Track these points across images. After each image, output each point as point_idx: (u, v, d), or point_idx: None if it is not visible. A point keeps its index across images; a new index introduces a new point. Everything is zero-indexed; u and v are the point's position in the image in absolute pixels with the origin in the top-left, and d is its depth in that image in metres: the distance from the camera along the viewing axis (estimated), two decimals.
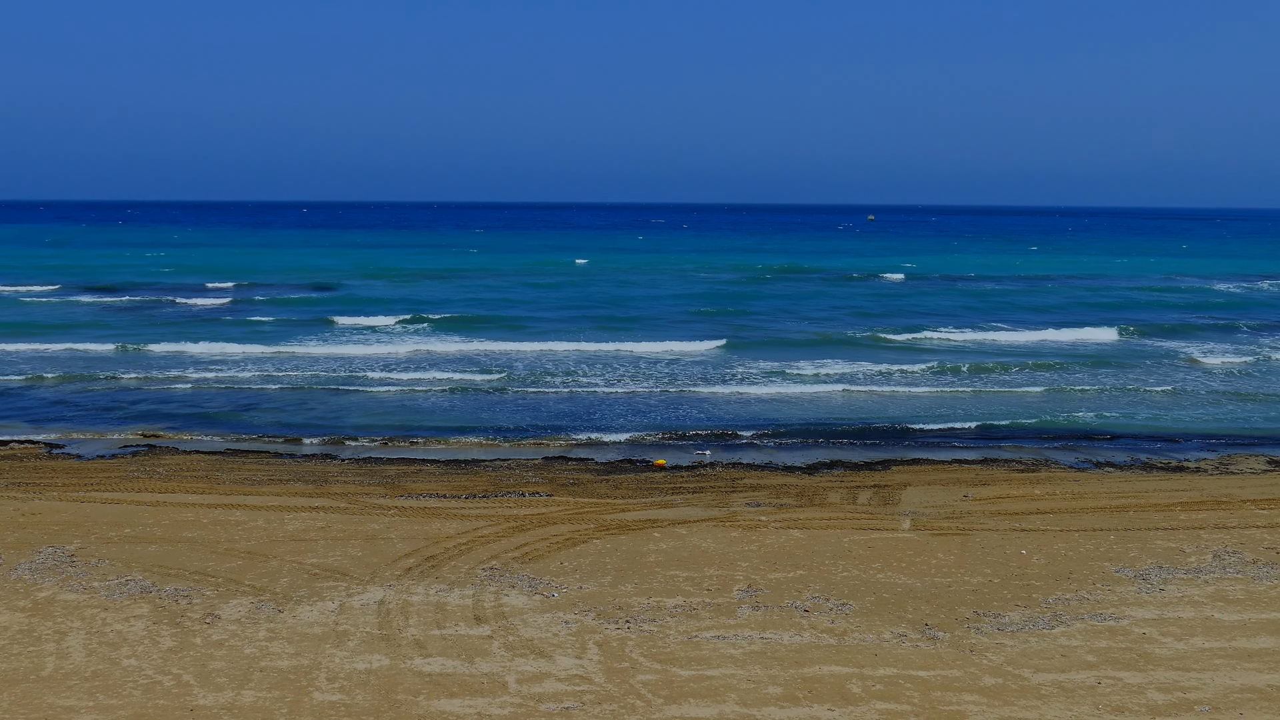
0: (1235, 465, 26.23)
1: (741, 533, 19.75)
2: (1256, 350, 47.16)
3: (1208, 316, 60.89)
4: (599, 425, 30.36)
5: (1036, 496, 22.74)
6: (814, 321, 55.98)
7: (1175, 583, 17.13)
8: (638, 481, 24.06)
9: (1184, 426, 31.14)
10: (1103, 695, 12.98)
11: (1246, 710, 12.63)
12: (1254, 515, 21.26)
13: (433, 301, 62.69)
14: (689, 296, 68.09)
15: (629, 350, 44.33)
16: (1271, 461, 26.61)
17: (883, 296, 71.35)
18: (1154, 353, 46.17)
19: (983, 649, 14.41)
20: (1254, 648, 14.50)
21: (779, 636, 14.76)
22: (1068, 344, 48.95)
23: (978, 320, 57.04)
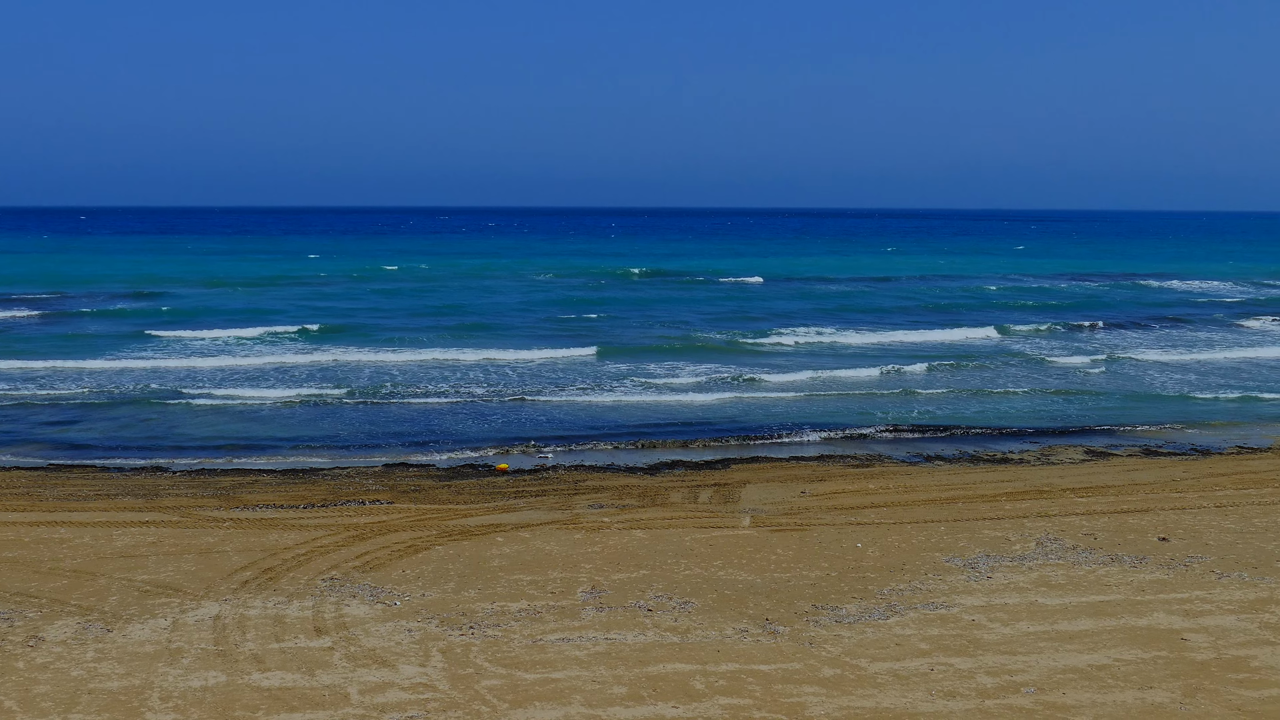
0: (1056, 456, 27.41)
1: (585, 534, 19.82)
2: (1081, 345, 49.39)
3: (1050, 315, 63.33)
4: (443, 432, 30.10)
5: (871, 491, 23.40)
6: (674, 325, 55.88)
7: (1002, 570, 17.81)
8: (480, 486, 23.94)
9: (1010, 420, 32.41)
10: (935, 681, 13.43)
11: (1068, 689, 13.21)
12: (1073, 503, 22.26)
13: (270, 310, 60.98)
14: (546, 303, 67.27)
15: (476, 359, 43.90)
16: (1089, 451, 27.89)
17: (743, 299, 72.10)
18: (991, 349, 47.91)
19: (821, 641, 14.75)
20: (1075, 630, 15.18)
21: (623, 636, 14.86)
22: (915, 344, 50.18)
23: (830, 322, 58.02)
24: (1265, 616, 15.64)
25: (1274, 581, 17.18)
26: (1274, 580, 17.24)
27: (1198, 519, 21.01)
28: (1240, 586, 16.97)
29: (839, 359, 44.75)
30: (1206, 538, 19.69)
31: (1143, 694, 13.08)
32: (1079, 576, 17.49)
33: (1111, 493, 23.21)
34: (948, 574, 17.64)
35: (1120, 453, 27.79)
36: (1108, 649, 14.46)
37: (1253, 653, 14.30)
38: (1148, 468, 25.95)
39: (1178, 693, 13.10)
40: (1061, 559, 18.40)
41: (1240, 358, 46.01)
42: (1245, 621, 15.45)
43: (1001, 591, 16.78)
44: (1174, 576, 17.49)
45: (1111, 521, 20.80)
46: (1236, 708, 12.69)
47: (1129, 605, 16.14)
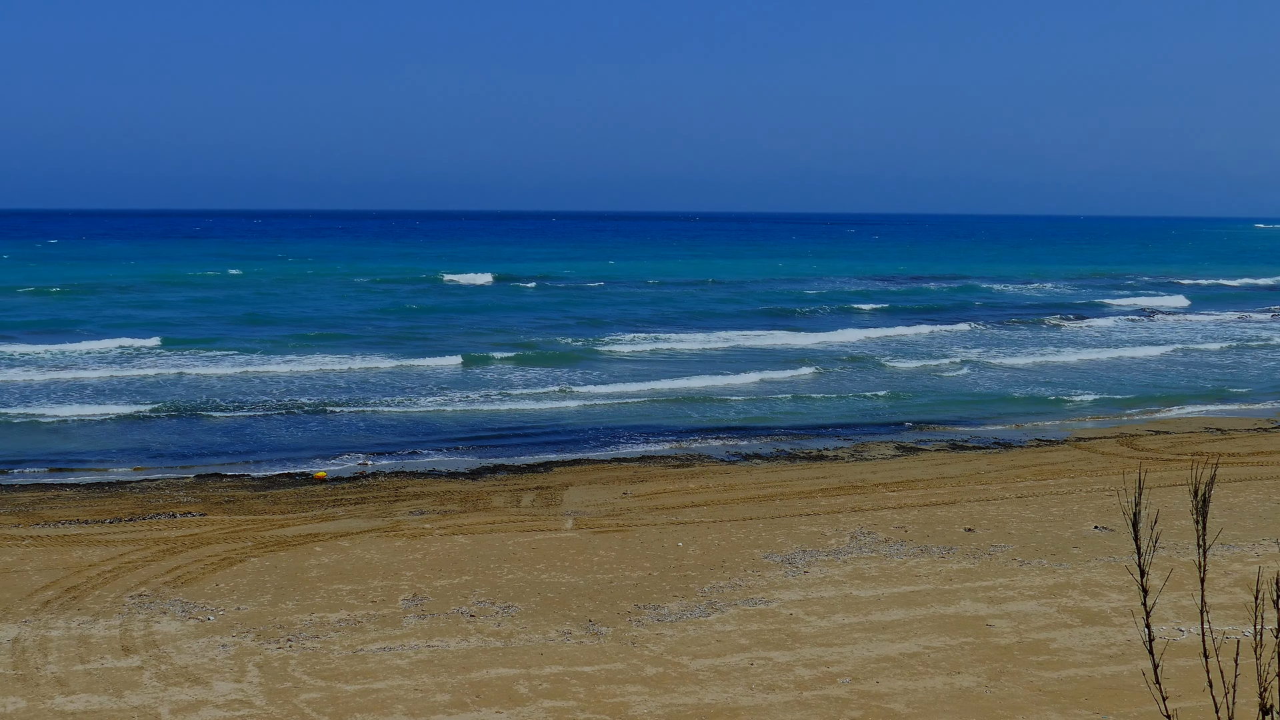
0: (868, 452, 28.28)
1: (406, 541, 19.57)
2: (904, 345, 51.09)
3: (880, 317, 65.19)
4: (259, 442, 29.26)
5: (691, 490, 23.73)
6: (503, 331, 54.81)
7: (818, 565, 18.29)
8: (297, 495, 23.39)
9: (827, 419, 33.29)
10: (755, 675, 13.70)
11: (882, 678, 13.65)
12: (885, 498, 23.01)
13: (73, 321, 57.89)
14: (371, 311, 65.05)
15: (293, 369, 42.73)
16: (900, 447, 28.87)
17: (577, 303, 71.60)
18: (818, 351, 49.08)
19: (644, 640, 14.90)
20: (887, 620, 15.69)
21: (446, 643, 14.73)
22: (749, 347, 50.43)
23: (666, 325, 57.96)
24: (1063, 601, 16.45)
25: (1070, 567, 18.08)
26: (1070, 566, 18.14)
27: (1001, 510, 21.96)
28: (1040, 573, 17.81)
29: (673, 363, 45.10)
30: (1009, 527, 20.60)
31: (951, 679, 13.61)
32: (891, 568, 18.09)
33: (921, 486, 24.07)
34: (766, 570, 18.02)
35: (929, 448, 28.83)
36: (918, 637, 14.99)
37: (1052, 635, 15.03)
38: (955, 462, 26.99)
39: (983, 676, 13.67)
40: (874, 552, 19.00)
41: (1044, 361, 48.15)
42: (1045, 606, 16.22)
43: (818, 585, 17.23)
44: (979, 565, 18.24)
45: (921, 514, 21.57)
46: (1037, 688, 13.31)
47: (938, 594, 16.77)
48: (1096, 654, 14.36)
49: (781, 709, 12.77)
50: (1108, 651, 14.40)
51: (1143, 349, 50.44)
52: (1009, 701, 12.98)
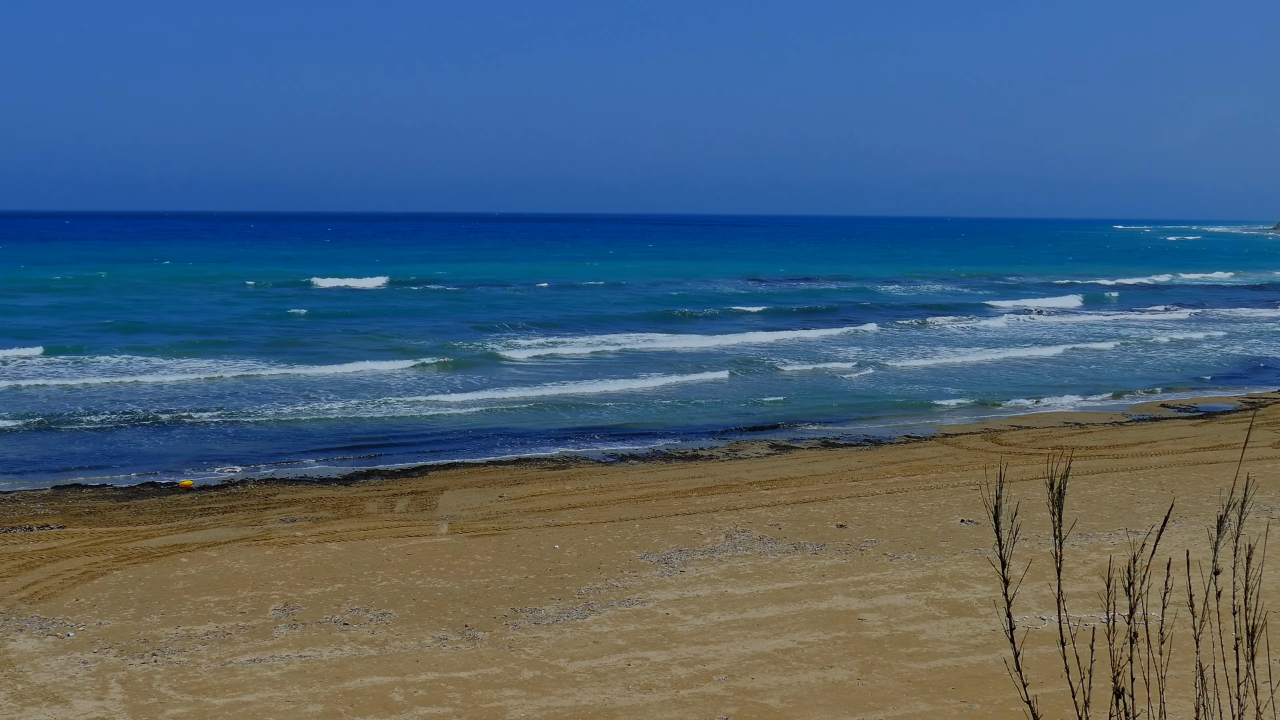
0: (743, 451, 28.59)
1: (276, 550, 19.17)
2: (780, 344, 51.74)
3: (752, 318, 65.83)
4: (122, 452, 28.35)
5: (568, 492, 23.71)
6: (378, 338, 53.38)
7: (694, 564, 18.42)
8: (162, 505, 22.74)
9: (703, 419, 33.56)
10: (632, 676, 13.75)
11: (757, 674, 13.81)
12: (759, 496, 23.28)
13: None
14: (253, 317, 63.09)
15: (158, 378, 41.52)
16: (774, 446, 29.25)
17: (454, 308, 70.73)
18: (699, 351, 49.41)
19: (521, 644, 14.84)
20: (762, 617, 15.88)
21: (318, 653, 14.47)
22: (634, 349, 50.19)
23: (553, 330, 57.20)
24: (931, 593, 16.84)
25: (938, 560, 18.52)
26: (938, 559, 18.58)
27: (871, 505, 22.39)
28: (909, 567, 18.20)
29: (560, 367, 44.91)
30: (879, 523, 21.02)
31: (824, 673, 13.83)
32: (765, 566, 18.31)
33: (794, 484, 24.41)
34: (643, 570, 18.09)
35: (802, 446, 29.27)
36: (792, 633, 15.20)
37: (921, 627, 15.37)
38: (827, 459, 27.44)
39: (856, 670, 13.92)
40: (749, 550, 19.21)
41: (925, 365, 49.19)
42: (914, 599, 16.58)
43: (694, 584, 17.36)
44: (851, 561, 18.57)
45: (795, 511, 21.88)
46: (907, 679, 13.61)
47: (811, 590, 17.03)
48: (963, 644, 14.73)
49: (658, 708, 12.84)
50: (974, 641, 14.79)
51: (1028, 349, 51.77)
52: (880, 693, 13.24)
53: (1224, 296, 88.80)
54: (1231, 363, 48.36)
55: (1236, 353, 51.78)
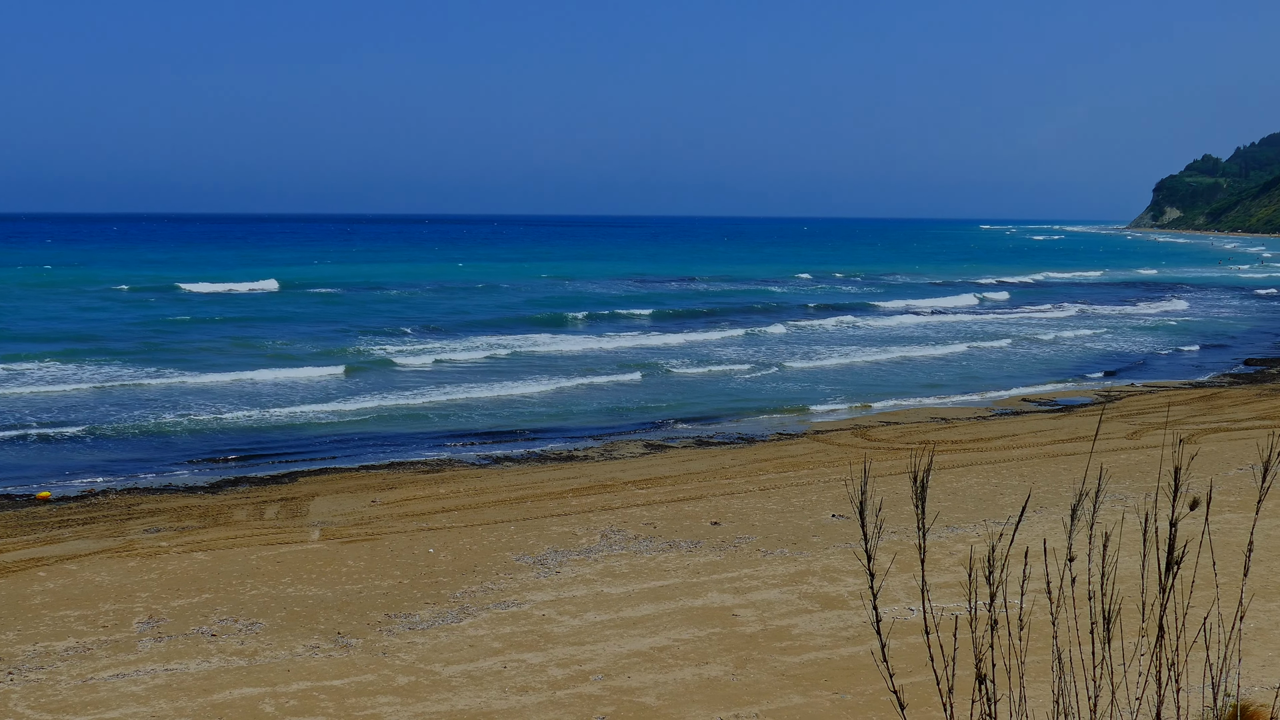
0: (618, 451, 28.66)
1: (140, 561, 18.61)
2: (660, 343, 51.95)
3: (642, 320, 65.84)
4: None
5: (442, 496, 23.49)
6: (264, 342, 51.88)
7: (570, 564, 18.41)
8: (18, 518, 21.90)
9: (578, 419, 33.55)
10: (508, 678, 13.68)
11: (633, 673, 13.85)
12: (634, 495, 23.37)
13: None
14: (121, 325, 60.49)
15: (17, 390, 39.98)
16: (649, 445, 29.38)
17: (347, 311, 68.97)
18: (582, 353, 49.29)
19: (395, 650, 14.65)
20: (638, 616, 15.94)
21: (185, 666, 14.09)
22: (525, 352, 49.47)
23: (428, 335, 56.42)
24: (803, 587, 17.09)
25: (810, 555, 18.81)
26: (810, 554, 18.87)
27: (745, 502, 22.64)
28: (782, 562, 18.45)
29: (435, 369, 44.44)
30: (753, 519, 21.26)
31: (700, 669, 13.94)
32: (641, 564, 18.38)
33: (669, 483, 24.56)
34: (518, 572, 18.02)
35: (677, 445, 29.45)
36: (668, 631, 15.29)
37: (794, 621, 15.59)
38: (700, 457, 27.67)
39: (730, 665, 14.06)
40: (625, 549, 19.26)
41: (806, 365, 49.84)
42: (787, 594, 16.82)
43: (570, 585, 17.34)
44: (725, 557, 18.75)
45: (669, 510, 22.01)
46: (781, 673, 13.79)
47: (686, 588, 17.15)
48: (835, 636, 14.99)
49: (535, 710, 12.79)
50: (845, 634, 15.05)
51: (907, 347, 52.69)
52: (754, 687, 13.39)
53: (1096, 294, 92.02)
54: (1095, 357, 50.08)
55: (1100, 348, 53.66)
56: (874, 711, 12.64)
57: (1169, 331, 61.69)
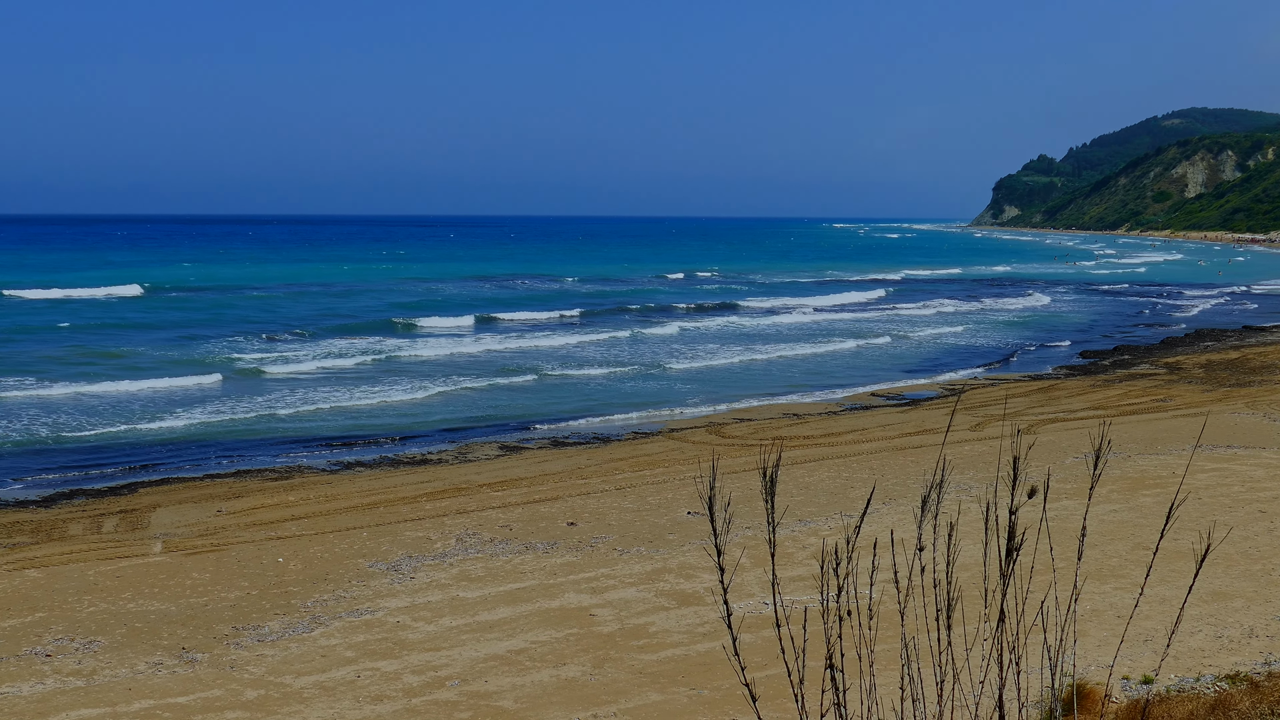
0: (473, 453, 28.39)
1: None
2: (498, 343, 51.57)
3: (506, 324, 65.07)
4: None
5: (291, 503, 22.93)
6: (100, 349, 49.57)
7: (424, 569, 18.15)
8: None
9: (431, 422, 33.10)
10: (362, 688, 13.41)
11: (491, 677, 13.72)
12: (490, 498, 23.17)
13: None
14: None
15: None
16: (504, 447, 29.17)
17: (189, 315, 66.63)
18: (431, 362, 48.58)
19: (244, 663, 14.24)
20: (494, 619, 15.80)
21: (17, 689, 13.45)
22: (354, 358, 48.65)
23: (277, 341, 54.77)
24: (660, 585, 17.16)
25: (667, 553, 18.90)
26: (667, 552, 18.96)
27: (601, 502, 22.64)
28: (639, 560, 18.50)
29: (287, 374, 43.26)
30: (609, 519, 21.27)
31: (558, 671, 13.87)
32: (497, 567, 18.23)
33: (525, 484, 24.42)
34: (372, 579, 17.69)
35: (532, 446, 29.31)
36: (525, 633, 15.19)
37: (651, 619, 15.64)
38: (556, 458, 27.58)
39: (588, 665, 14.03)
40: (480, 552, 19.08)
41: (668, 364, 49.97)
42: (644, 592, 16.86)
43: (424, 590, 17.10)
44: (582, 558, 18.72)
45: (525, 512, 21.88)
46: (639, 671, 13.81)
47: (543, 589, 17.06)
48: (691, 633, 15.08)
49: (390, 718, 12.57)
50: (701, 630, 15.16)
51: (770, 345, 53.44)
52: (612, 686, 13.38)
53: (955, 290, 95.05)
54: (944, 352, 51.54)
55: (951, 343, 55.24)
56: (730, 705, 12.75)
57: (1017, 326, 63.89)
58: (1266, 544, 18.82)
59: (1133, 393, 36.95)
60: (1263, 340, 54.33)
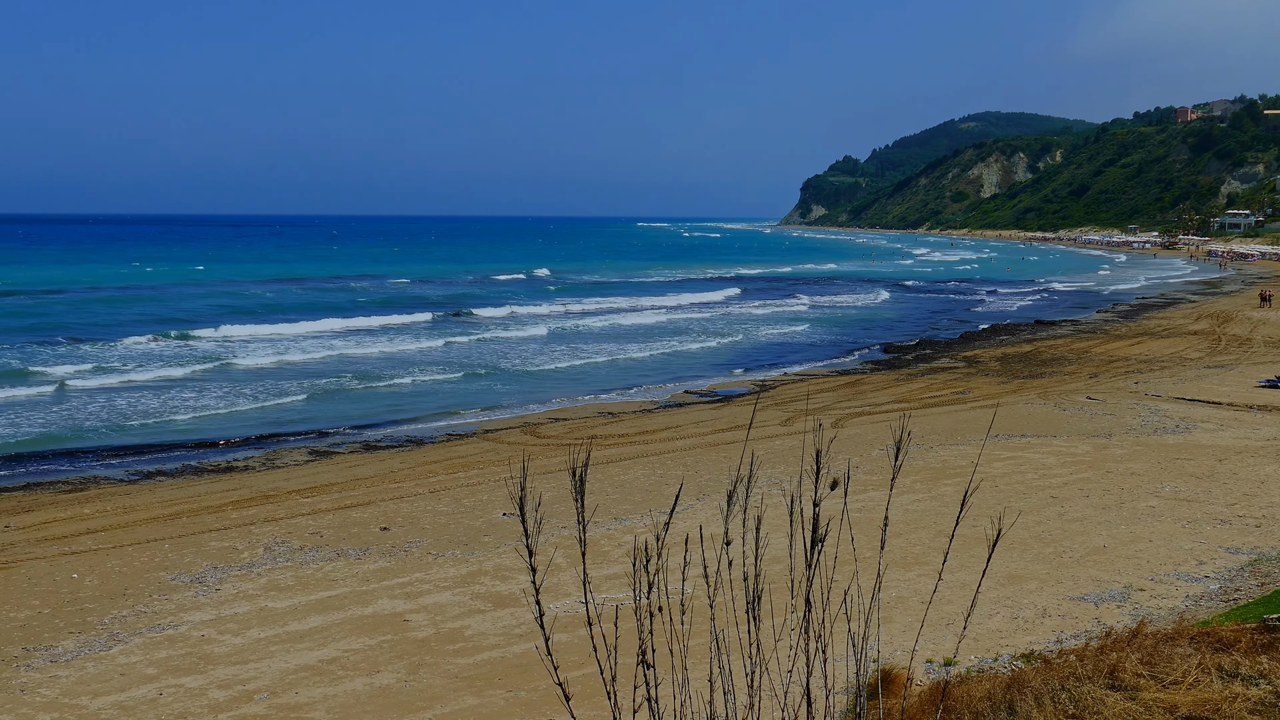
0: (282, 459, 27.61)
1: None
2: (303, 345, 50.27)
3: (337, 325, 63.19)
4: None
5: (86, 516, 21.87)
6: None
7: (231, 580, 17.57)
8: None
9: (237, 429, 32.04)
10: (165, 705, 12.89)
11: (301, 689, 13.35)
12: (299, 504, 22.57)
13: None
14: None
15: None
16: (313, 452, 28.46)
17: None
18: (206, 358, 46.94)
19: (35, 686, 13.52)
20: (305, 629, 15.40)
21: None
22: (161, 362, 47.03)
23: (84, 346, 52.02)
24: (475, 588, 17.01)
25: (482, 555, 18.74)
26: (482, 554, 18.81)
27: (415, 505, 22.32)
28: (454, 564, 18.30)
29: (89, 382, 41.14)
30: (423, 522, 20.98)
31: (371, 679, 13.60)
32: (307, 576, 17.77)
33: (336, 490, 23.88)
34: (174, 592, 17.03)
35: (343, 450, 28.68)
36: (337, 642, 14.85)
37: (466, 623, 15.49)
38: (368, 462, 27.05)
39: (403, 672, 13.80)
40: (290, 560, 18.58)
41: (485, 363, 49.42)
42: (459, 595, 16.69)
43: (231, 602, 16.55)
44: (395, 563, 18.41)
45: (337, 518, 21.40)
46: (455, 675, 13.65)
47: (355, 596, 16.71)
48: (508, 635, 14.99)
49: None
50: (518, 631, 15.08)
51: (591, 344, 53.42)
52: (428, 692, 13.19)
53: (777, 288, 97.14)
54: (758, 349, 52.55)
55: (766, 340, 56.34)
56: (548, 706, 12.72)
57: (827, 323, 65.67)
58: (1058, 528, 19.79)
59: (934, 386, 38.39)
60: (1053, 334, 57.19)
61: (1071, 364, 43.92)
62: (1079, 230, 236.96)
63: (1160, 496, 22.09)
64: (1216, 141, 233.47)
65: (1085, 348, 49.78)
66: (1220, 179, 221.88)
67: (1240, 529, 19.71)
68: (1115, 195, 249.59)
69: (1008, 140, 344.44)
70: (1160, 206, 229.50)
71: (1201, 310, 69.72)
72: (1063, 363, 44.47)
